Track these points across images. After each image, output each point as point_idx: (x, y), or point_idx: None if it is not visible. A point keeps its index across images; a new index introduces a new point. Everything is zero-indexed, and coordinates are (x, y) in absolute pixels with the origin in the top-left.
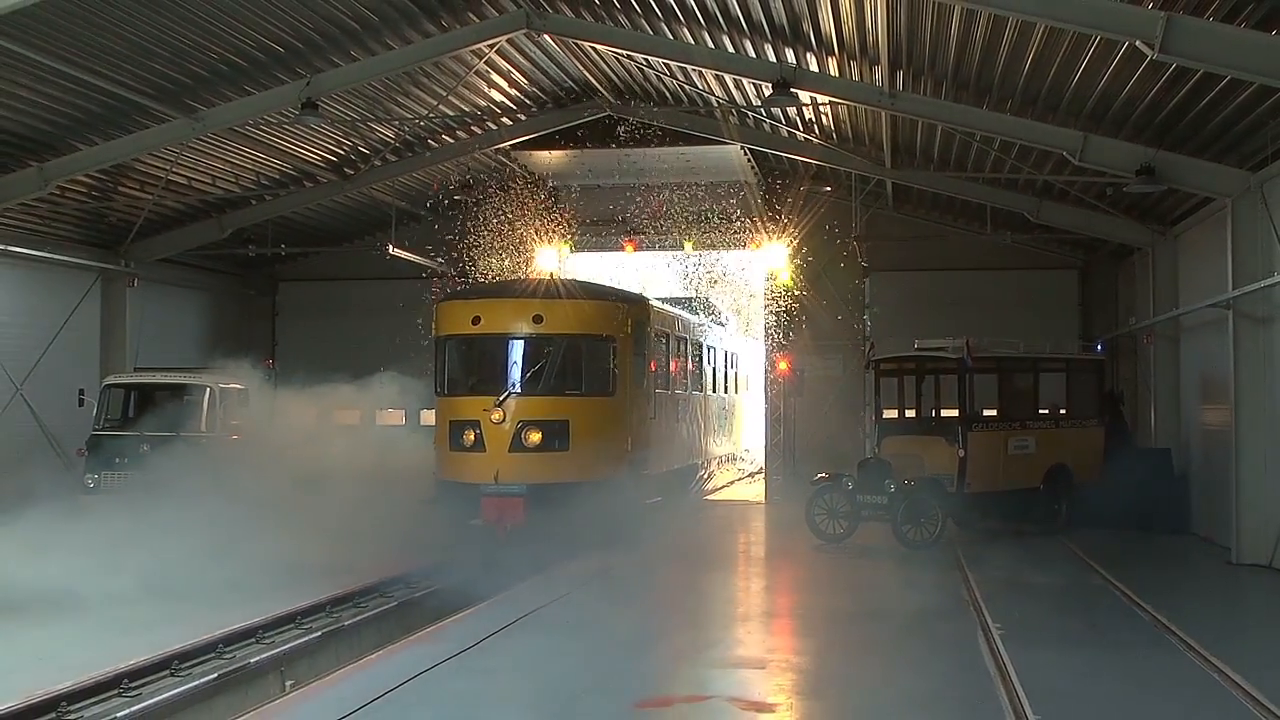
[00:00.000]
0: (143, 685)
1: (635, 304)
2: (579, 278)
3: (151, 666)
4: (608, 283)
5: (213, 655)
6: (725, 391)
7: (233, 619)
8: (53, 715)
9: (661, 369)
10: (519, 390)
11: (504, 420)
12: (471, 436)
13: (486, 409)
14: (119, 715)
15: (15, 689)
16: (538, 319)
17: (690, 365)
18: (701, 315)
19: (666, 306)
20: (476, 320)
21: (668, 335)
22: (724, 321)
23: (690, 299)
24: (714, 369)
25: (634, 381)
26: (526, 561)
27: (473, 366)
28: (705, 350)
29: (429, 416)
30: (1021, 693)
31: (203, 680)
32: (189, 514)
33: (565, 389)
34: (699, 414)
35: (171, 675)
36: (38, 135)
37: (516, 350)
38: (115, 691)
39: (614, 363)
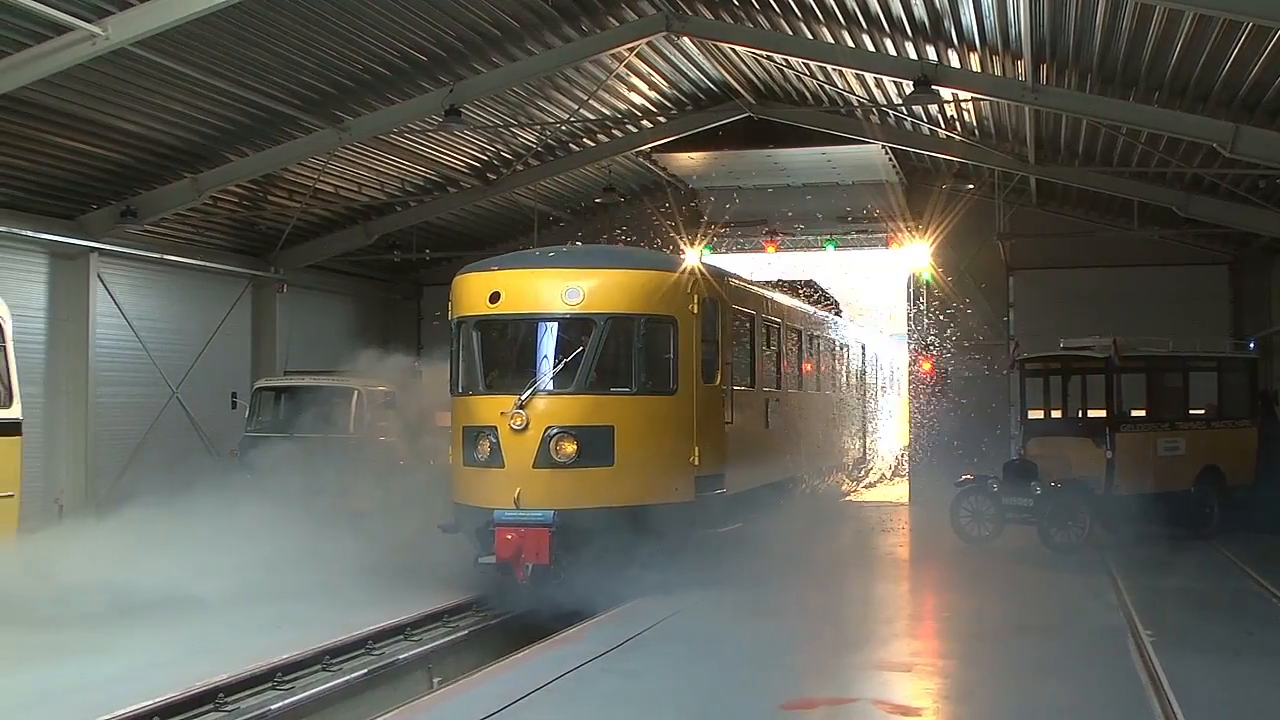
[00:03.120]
0: (295, 679)
1: (706, 276)
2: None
3: (304, 661)
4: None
5: (362, 651)
6: (839, 389)
7: (378, 617)
8: (211, 705)
9: (743, 360)
10: (548, 387)
11: (526, 426)
12: (487, 447)
13: (505, 412)
14: (272, 708)
15: (176, 680)
16: (574, 294)
17: (788, 357)
18: (808, 301)
19: (754, 285)
20: (495, 297)
21: (753, 318)
22: (837, 308)
23: (798, 282)
24: (825, 363)
25: (704, 376)
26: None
27: (490, 357)
28: (810, 340)
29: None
30: (1174, 702)
31: (353, 675)
32: (334, 514)
33: (610, 386)
34: (799, 416)
35: (323, 670)
36: (192, 148)
37: (545, 335)
38: (269, 684)
39: (675, 351)
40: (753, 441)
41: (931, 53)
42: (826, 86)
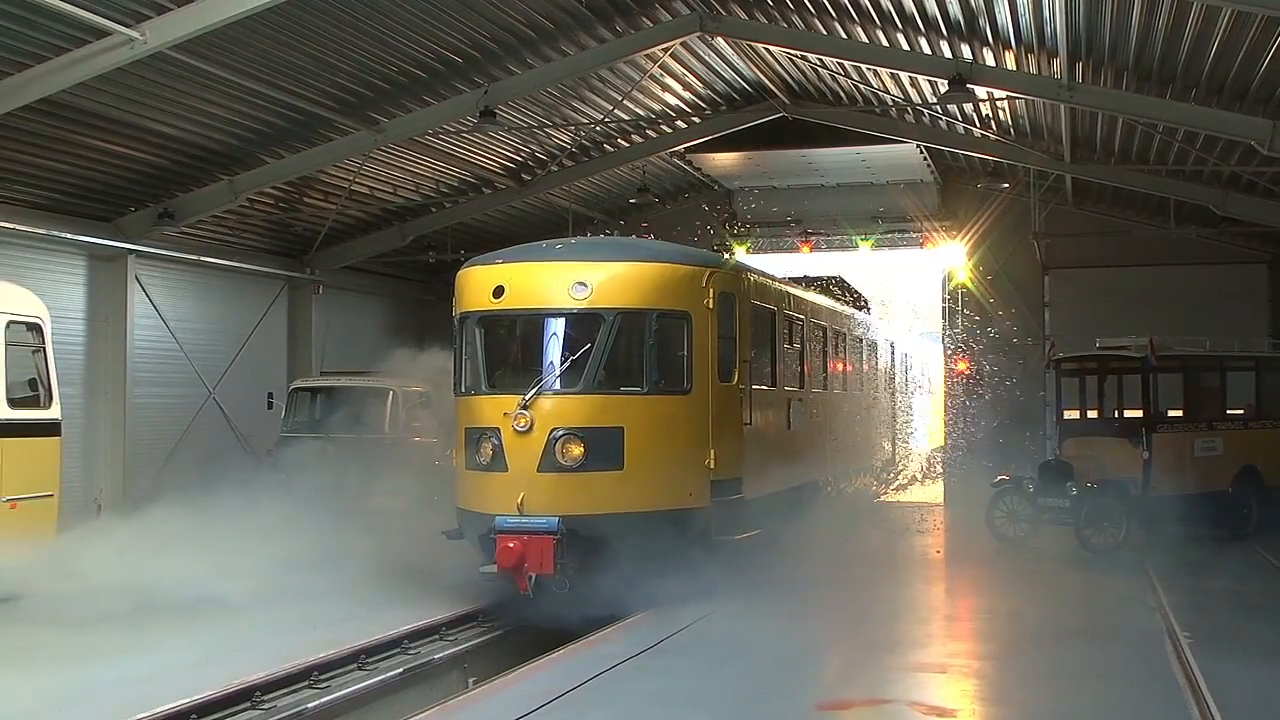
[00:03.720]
0: (331, 678)
1: (723, 269)
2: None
3: (340, 660)
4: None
5: (397, 650)
6: (867, 388)
7: (413, 616)
8: (248, 704)
9: (763, 358)
10: (553, 387)
11: (530, 428)
12: (489, 450)
13: (508, 413)
14: (309, 706)
15: (213, 679)
16: (581, 288)
17: (812, 355)
18: (834, 298)
19: (774, 279)
20: (499, 292)
21: (774, 314)
22: (866, 305)
23: (825, 279)
24: (852, 361)
25: (720, 374)
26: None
27: (493, 355)
28: (836, 338)
29: None
30: (1212, 705)
31: (389, 674)
32: (369, 514)
33: (619, 385)
34: (824, 417)
35: (359, 669)
36: (228, 150)
37: (551, 332)
38: (305, 683)
39: (689, 348)
40: (773, 443)
41: (966, 51)
42: (861, 86)
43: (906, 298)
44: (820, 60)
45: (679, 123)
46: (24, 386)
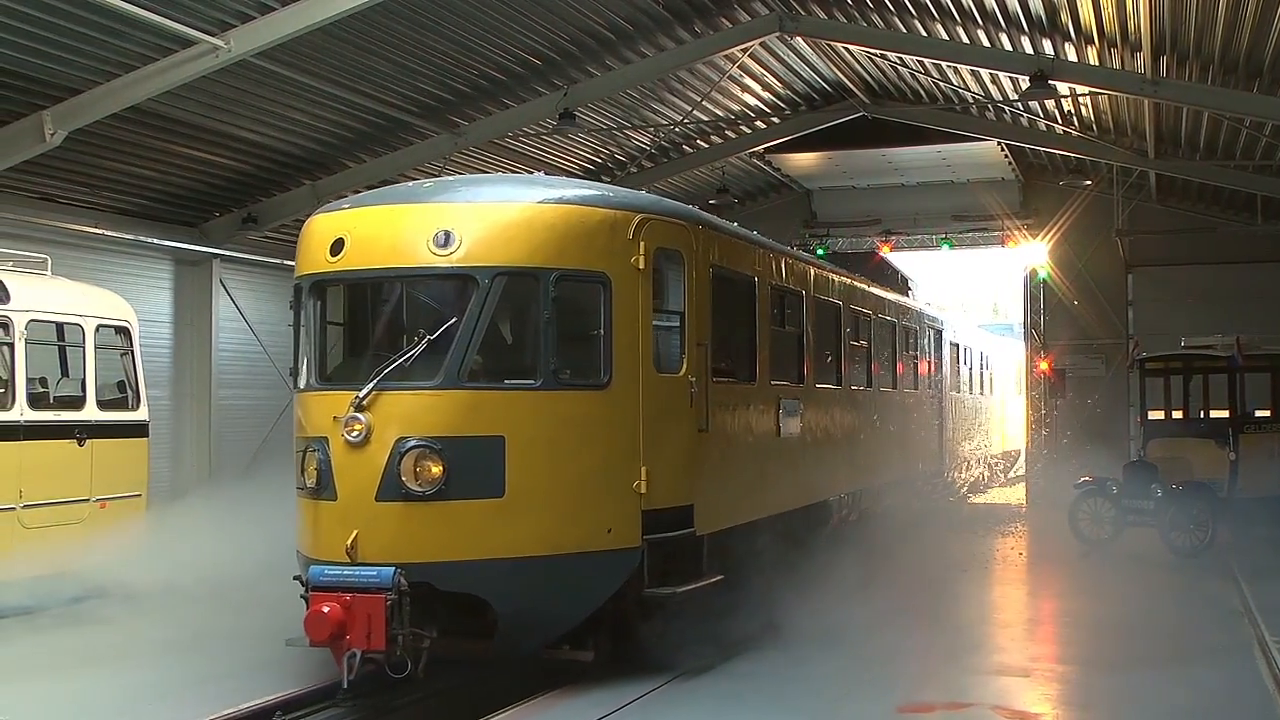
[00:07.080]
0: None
1: (659, 217)
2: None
3: None
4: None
5: None
6: (906, 386)
7: None
8: (330, 702)
9: (736, 342)
10: (401, 379)
11: (367, 438)
12: (314, 470)
13: (338, 416)
14: (395, 703)
15: (295, 677)
16: (446, 240)
17: (818, 342)
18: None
19: (754, 239)
20: (338, 247)
21: (752, 283)
22: (905, 285)
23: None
24: (883, 352)
25: (657, 362)
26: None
27: (327, 336)
28: (857, 322)
29: None
30: None
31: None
32: None
33: (500, 376)
34: (838, 420)
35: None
36: (310, 155)
37: (400, 301)
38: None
39: (609, 326)
40: (751, 457)
41: (1048, 47)
42: (941, 84)
43: (981, 289)
44: (900, 59)
45: (758, 123)
46: (113, 389)
